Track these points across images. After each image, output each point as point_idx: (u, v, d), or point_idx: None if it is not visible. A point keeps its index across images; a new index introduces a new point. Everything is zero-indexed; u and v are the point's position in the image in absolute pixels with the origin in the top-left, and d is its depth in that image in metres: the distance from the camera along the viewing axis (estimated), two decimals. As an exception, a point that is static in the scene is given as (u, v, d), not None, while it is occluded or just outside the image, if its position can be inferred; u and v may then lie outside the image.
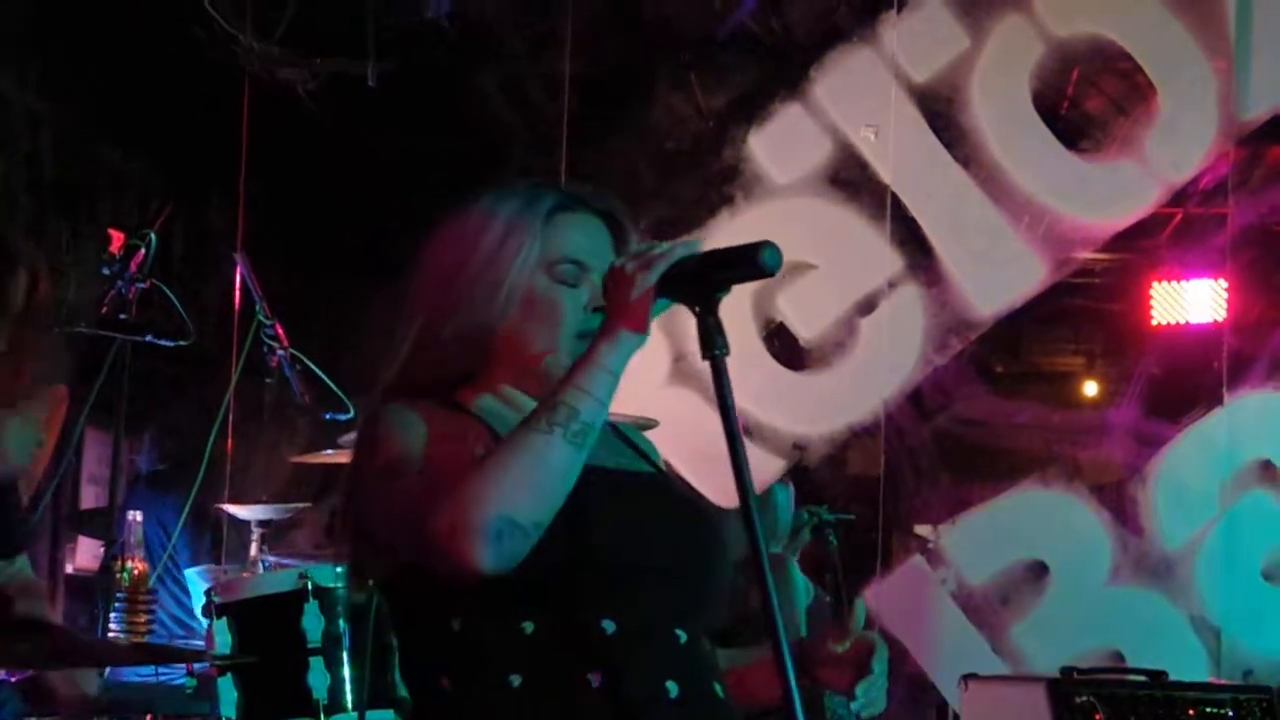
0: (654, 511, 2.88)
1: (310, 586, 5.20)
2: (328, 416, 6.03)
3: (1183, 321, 8.83)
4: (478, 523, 2.56)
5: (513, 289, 2.83)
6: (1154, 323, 8.79)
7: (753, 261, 2.66)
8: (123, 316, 5.67)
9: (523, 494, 2.60)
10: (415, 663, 2.86)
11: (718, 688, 2.84)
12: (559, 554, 2.67)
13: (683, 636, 2.80)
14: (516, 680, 2.71)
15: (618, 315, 2.68)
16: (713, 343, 2.66)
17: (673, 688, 2.74)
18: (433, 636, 2.80)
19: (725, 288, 2.70)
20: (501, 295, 2.82)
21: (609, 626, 2.72)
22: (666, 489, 3.00)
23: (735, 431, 2.64)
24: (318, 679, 5.15)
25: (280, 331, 6.04)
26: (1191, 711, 5.06)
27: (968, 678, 5.21)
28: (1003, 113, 6.57)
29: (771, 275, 2.67)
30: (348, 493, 2.85)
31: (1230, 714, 5.07)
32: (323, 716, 5.12)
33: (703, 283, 2.69)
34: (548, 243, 2.85)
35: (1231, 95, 6.15)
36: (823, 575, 6.19)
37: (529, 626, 2.71)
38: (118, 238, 5.82)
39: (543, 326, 2.84)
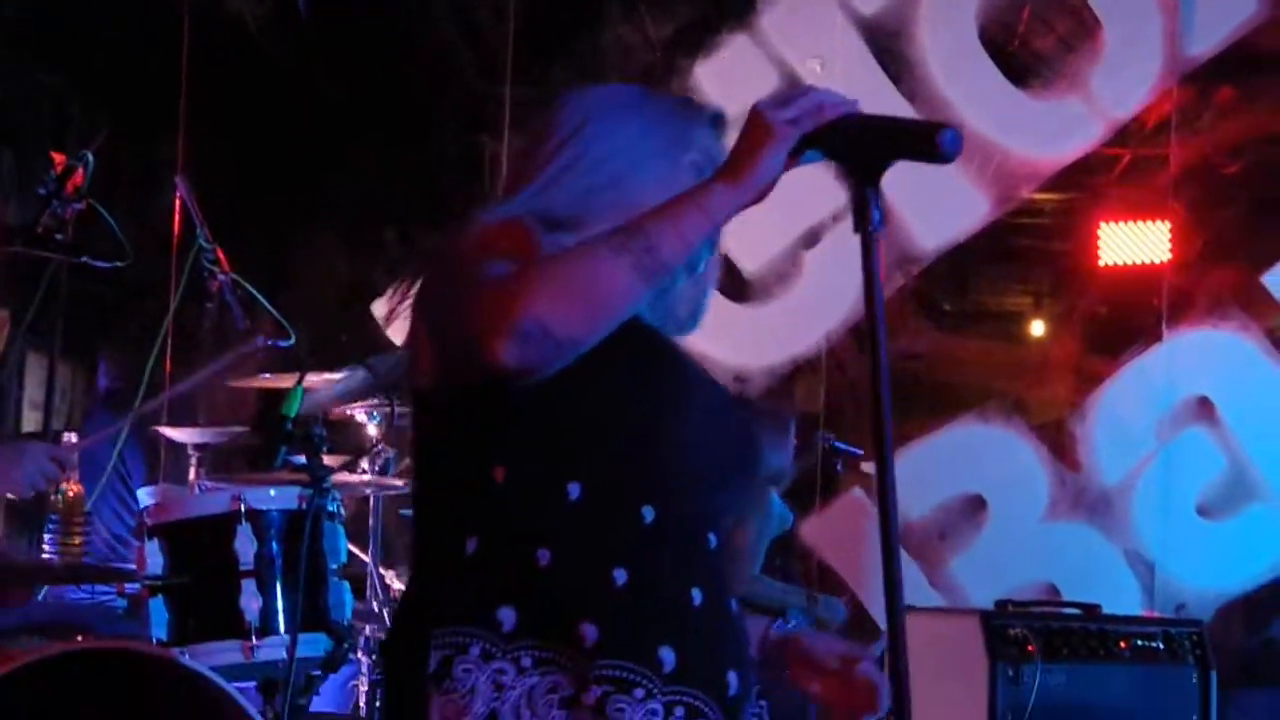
0: (716, 408, 2.79)
1: (244, 509, 5.18)
2: (269, 342, 5.99)
3: (1130, 262, 8.86)
4: (514, 322, 2.46)
5: (657, 168, 2.73)
6: (1101, 263, 8.80)
7: (931, 141, 2.50)
8: (59, 236, 5.62)
9: (565, 304, 2.50)
10: (441, 515, 2.74)
11: (733, 602, 2.75)
12: (626, 420, 2.63)
13: (713, 540, 2.71)
14: (545, 557, 2.61)
15: (745, 163, 2.55)
16: (869, 216, 2.48)
17: (697, 595, 2.66)
18: (469, 484, 2.68)
19: (890, 161, 2.53)
20: (645, 170, 2.73)
21: (648, 514, 2.63)
22: (723, 388, 2.93)
23: (878, 313, 2.48)
24: (249, 601, 5.14)
25: (221, 256, 5.99)
26: (1123, 644, 5.11)
27: (907, 607, 5.22)
28: (949, 47, 6.56)
29: (948, 161, 2.51)
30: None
31: (1161, 646, 5.12)
32: (254, 639, 5.12)
33: (869, 150, 2.53)
34: (697, 144, 2.78)
35: (1176, 31, 6.14)
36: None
37: (574, 490, 2.61)
38: (59, 160, 5.77)
39: (664, 193, 2.66)
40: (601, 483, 2.62)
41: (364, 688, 5.77)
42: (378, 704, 5.65)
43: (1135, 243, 8.44)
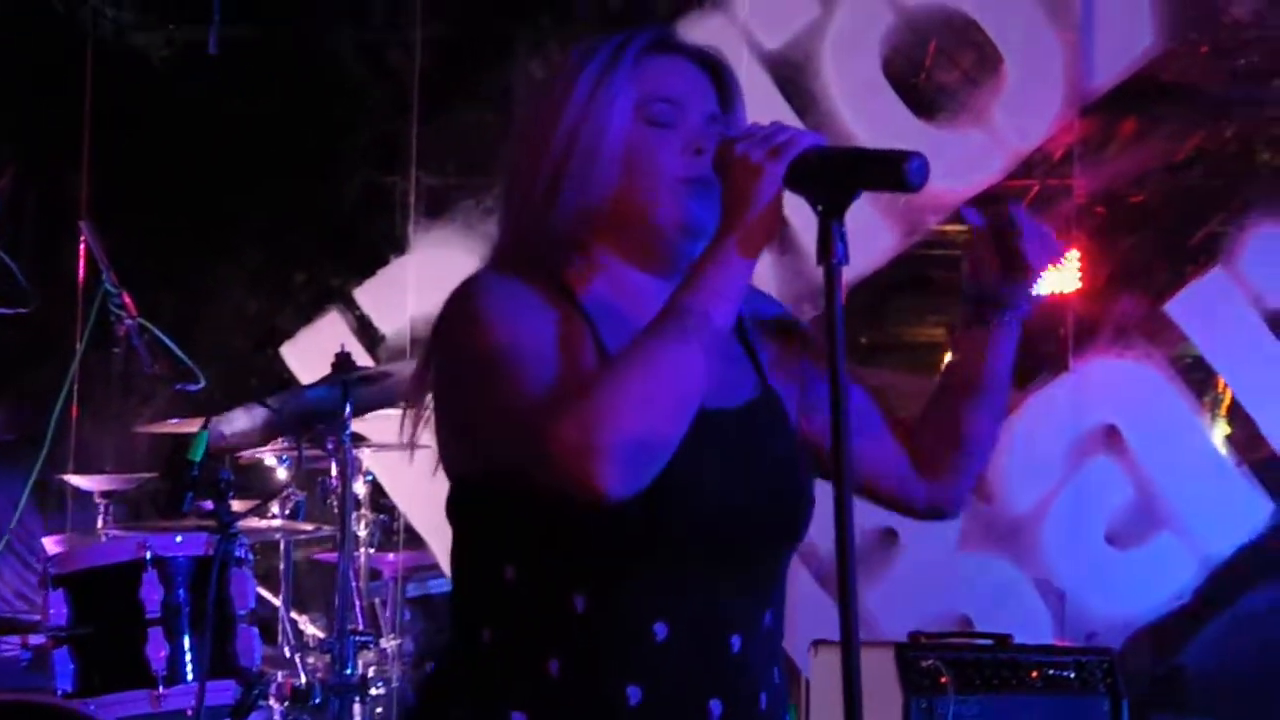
0: (743, 469, 2.61)
1: (149, 556, 5.17)
2: (177, 387, 5.98)
3: (1039, 292, 8.91)
4: (609, 443, 2.36)
5: (610, 150, 2.59)
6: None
7: (897, 170, 2.45)
8: (-45, 284, 5.60)
9: (657, 412, 2.41)
10: (462, 597, 2.69)
11: (764, 697, 2.66)
12: (632, 525, 2.51)
13: (736, 645, 2.61)
14: (555, 666, 2.57)
15: (743, 201, 2.48)
16: (833, 249, 2.44)
17: (716, 707, 2.59)
18: (484, 576, 2.65)
19: (856, 192, 2.48)
20: (600, 160, 2.59)
21: (660, 631, 2.56)
22: (766, 420, 2.71)
23: (838, 350, 2.43)
24: (156, 650, 5.13)
25: (128, 300, 5.97)
26: (1035, 674, 5.11)
27: (817, 643, 5.23)
28: (854, 81, 6.59)
29: (914, 190, 2.47)
30: (438, 375, 2.64)
31: (1072, 675, 5.12)
32: (161, 688, 5.10)
33: (835, 182, 2.48)
34: (639, 84, 2.61)
35: (1077, 65, 6.20)
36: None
37: (580, 603, 2.56)
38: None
39: (643, 179, 2.60)
40: (606, 600, 2.56)
41: (279, 732, 5.76)
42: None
43: (1052, 277, 8.51)
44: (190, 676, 5.13)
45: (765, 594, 2.68)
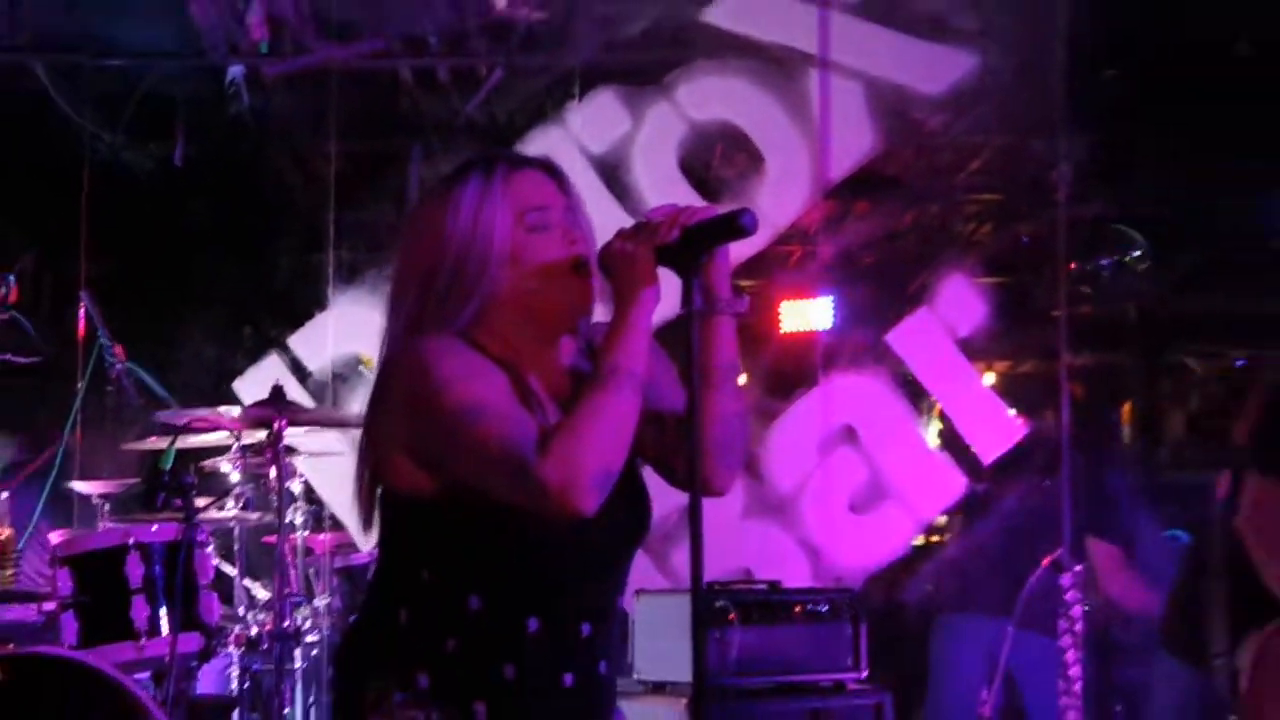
0: (618, 499, 2.53)
1: (132, 542, 5.13)
2: (156, 414, 5.92)
3: (802, 329, 8.98)
4: (589, 477, 2.37)
5: (500, 256, 2.53)
6: (781, 330, 8.90)
7: (735, 224, 2.44)
8: (-12, 341, 5.53)
9: (613, 448, 2.42)
10: (386, 583, 2.65)
11: (603, 664, 2.63)
12: (509, 549, 2.52)
13: (586, 629, 2.59)
14: (452, 645, 2.55)
15: (632, 286, 2.46)
16: (692, 299, 2.44)
17: (568, 679, 2.57)
18: (405, 572, 2.60)
19: (709, 253, 2.47)
20: (493, 264, 2.53)
21: (532, 624, 2.55)
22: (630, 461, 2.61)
23: (695, 392, 2.45)
24: (138, 612, 5.08)
25: (118, 351, 5.93)
26: (798, 609, 5.13)
27: (639, 592, 5.22)
28: (658, 176, 6.60)
29: (751, 234, 2.45)
30: (407, 423, 2.52)
31: (825, 609, 5.15)
32: (143, 640, 5.06)
33: (689, 246, 2.44)
34: (514, 201, 2.55)
35: (818, 161, 6.25)
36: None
37: (474, 601, 2.54)
38: (-10, 282, 5.68)
39: (532, 274, 2.54)
40: (498, 600, 2.54)
41: (235, 673, 5.70)
42: (246, 685, 5.60)
43: (806, 315, 8.57)
44: (165, 631, 5.08)
45: (618, 584, 2.68)
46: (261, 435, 5.54)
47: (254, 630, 5.60)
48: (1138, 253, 9.17)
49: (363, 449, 2.63)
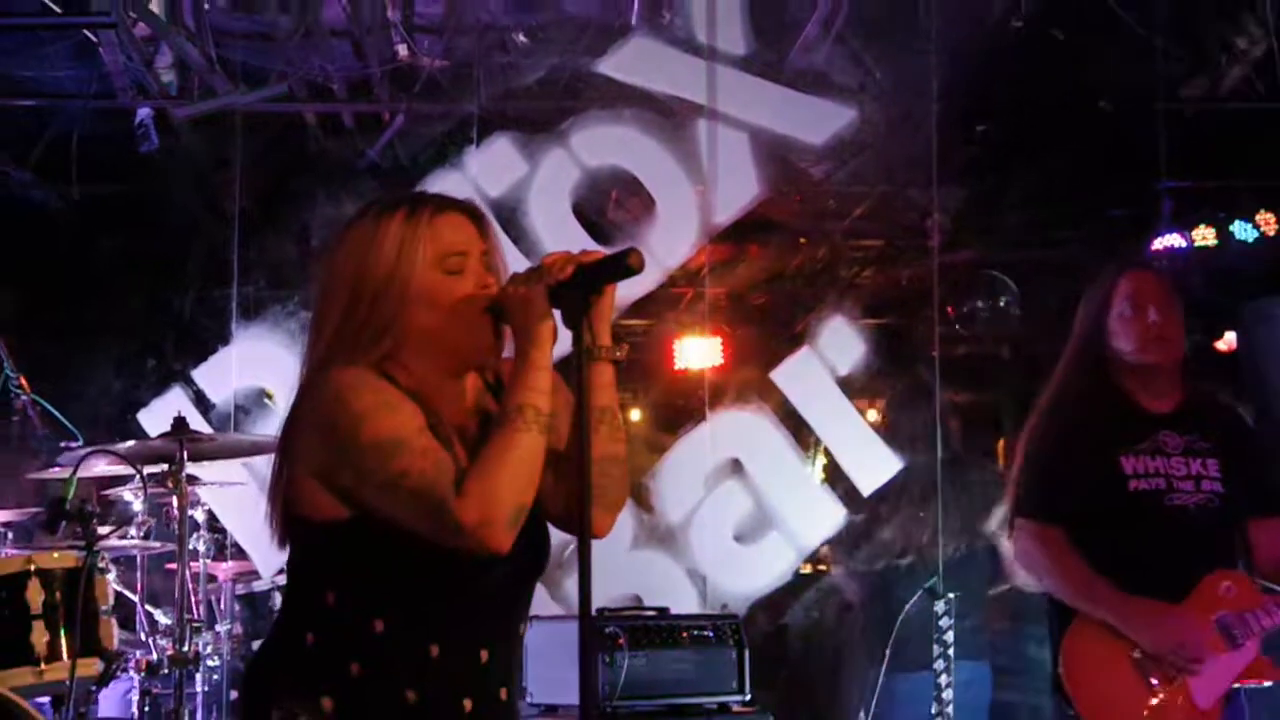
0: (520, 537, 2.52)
1: (33, 568, 5.02)
2: (62, 444, 5.84)
3: (694, 367, 9.02)
4: (504, 515, 2.40)
5: (416, 296, 2.53)
6: (676, 367, 8.93)
7: (622, 263, 2.46)
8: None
9: (524, 485, 2.44)
10: (294, 607, 2.63)
11: (503, 690, 2.62)
12: (467, 585, 2.52)
13: (485, 657, 2.58)
14: (355, 669, 2.53)
15: (528, 324, 2.48)
16: (582, 339, 2.47)
17: (468, 704, 2.56)
18: (312, 596, 2.58)
19: (599, 292, 2.49)
20: (409, 303, 2.54)
21: (433, 650, 2.54)
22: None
23: (585, 429, 2.43)
24: (39, 637, 4.97)
25: (23, 382, 5.85)
26: (685, 634, 5.13)
27: (531, 618, 5.20)
28: (552, 219, 6.62)
29: (638, 273, 2.46)
30: (310, 449, 2.52)
31: (711, 634, 5.15)
32: (41, 665, 4.97)
33: (579, 287, 2.47)
34: (435, 243, 2.55)
35: (707, 206, 6.30)
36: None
37: (379, 625, 2.52)
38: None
39: (447, 314, 2.54)
40: (400, 625, 2.52)
41: (136, 697, 5.61)
42: (146, 709, 5.53)
43: (697, 354, 8.62)
44: (65, 656, 5.00)
45: (519, 614, 2.68)
46: (165, 466, 5.48)
47: (155, 655, 5.52)
48: (1008, 297, 9.32)
49: (275, 471, 2.61)
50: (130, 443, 5.46)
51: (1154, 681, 3.90)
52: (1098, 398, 4.13)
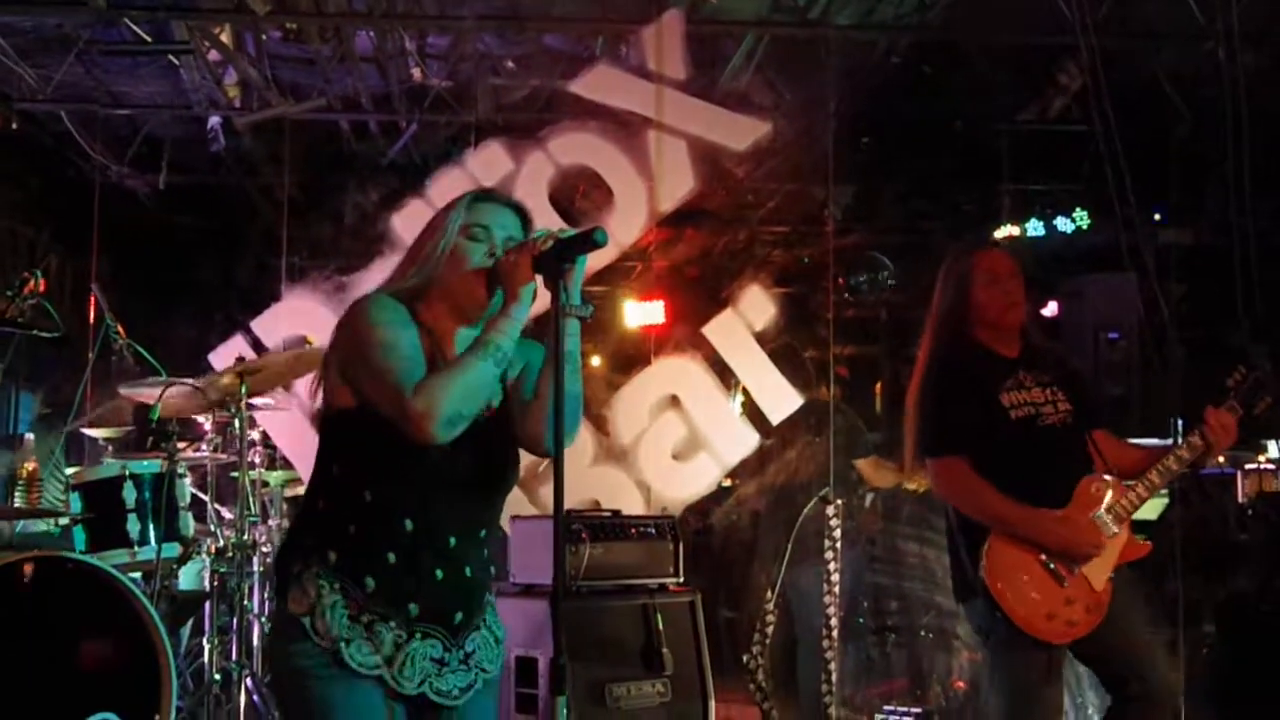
0: (482, 440, 2.59)
1: (127, 473, 5.05)
2: (149, 378, 5.81)
3: (642, 325, 9.01)
4: (442, 413, 2.43)
5: (445, 247, 2.61)
6: (626, 325, 8.94)
7: (589, 239, 2.48)
8: (19, 320, 5.37)
9: (467, 397, 2.47)
10: (314, 480, 2.63)
11: (468, 568, 2.61)
12: (434, 475, 2.53)
13: (453, 541, 2.59)
14: (352, 529, 2.54)
15: (513, 284, 2.52)
16: (559, 299, 2.48)
17: (439, 573, 2.57)
18: (324, 469, 2.61)
19: (571, 261, 2.50)
20: (439, 251, 2.62)
21: (408, 523, 2.54)
22: (501, 413, 2.68)
23: (559, 369, 2.46)
24: (132, 527, 5.01)
25: (120, 328, 5.81)
26: (635, 531, 5.06)
27: (514, 517, 5.19)
28: (532, 205, 6.35)
29: (602, 246, 2.48)
30: (342, 350, 2.58)
31: (654, 531, 5.09)
32: (135, 548, 4.99)
33: (555, 258, 2.49)
34: (467, 216, 2.63)
35: (653, 196, 6.24)
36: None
37: (368, 494, 2.54)
38: (26, 275, 5.53)
39: (458, 269, 2.60)
40: (383, 498, 2.55)
41: (207, 574, 5.61)
42: (215, 584, 5.53)
43: (644, 314, 8.64)
44: (152, 541, 5.02)
45: (483, 515, 2.67)
46: (228, 395, 5.45)
47: (221, 542, 5.52)
48: (886, 272, 9.37)
49: (319, 371, 2.67)
50: (203, 378, 5.43)
51: (1062, 575, 3.88)
52: (965, 351, 4.10)
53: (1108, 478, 4.01)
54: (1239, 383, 3.91)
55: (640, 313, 8.84)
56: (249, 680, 5.12)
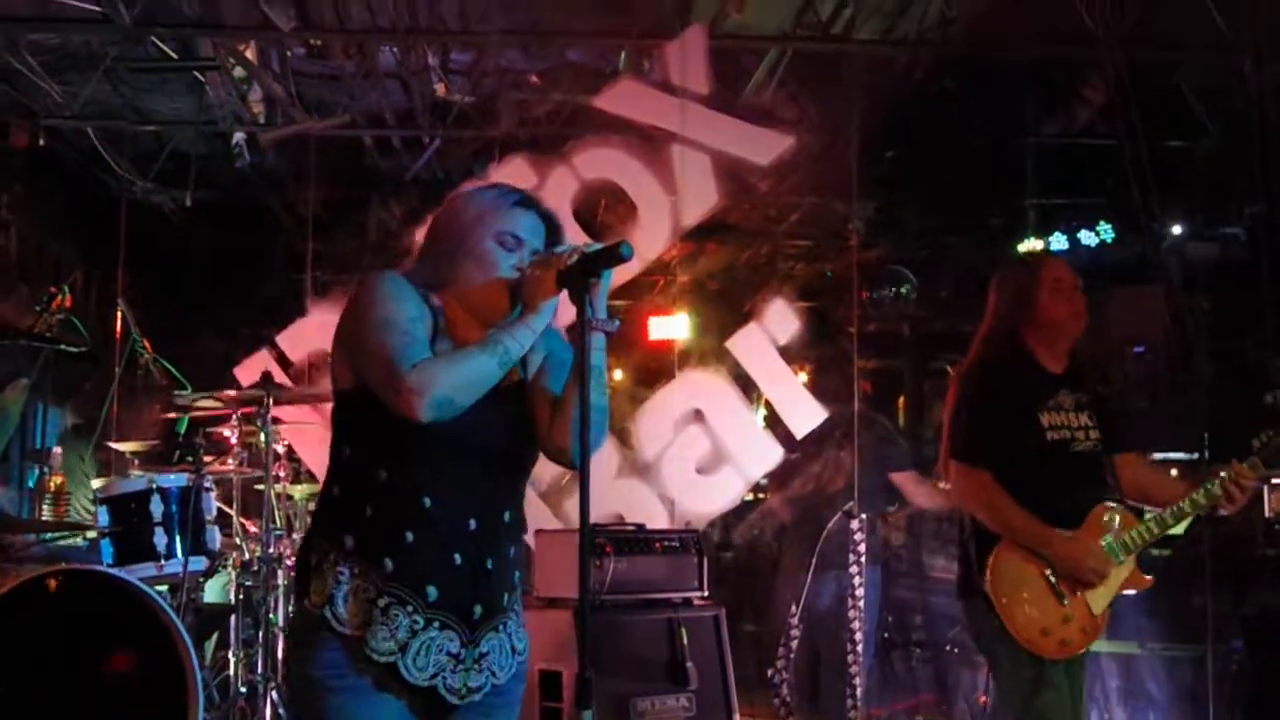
0: (501, 421, 2.57)
1: (155, 486, 5.07)
2: (175, 392, 5.85)
3: (665, 338, 9.00)
4: (432, 395, 2.40)
5: (474, 247, 2.58)
6: (650, 339, 8.92)
7: (615, 253, 2.45)
8: (48, 334, 5.43)
9: (462, 387, 2.44)
10: (330, 467, 2.61)
11: (490, 560, 2.57)
12: (411, 441, 2.48)
13: (473, 525, 2.55)
14: (368, 511, 2.52)
15: (534, 298, 2.50)
16: (584, 311, 2.45)
17: (458, 557, 2.52)
18: (338, 453, 2.59)
19: (596, 275, 2.47)
20: (467, 249, 2.58)
21: (428, 501, 2.51)
22: (518, 398, 2.65)
23: (584, 382, 2.43)
24: (159, 540, 5.04)
25: (147, 344, 5.87)
26: (658, 545, 5.06)
27: (539, 531, 5.20)
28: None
29: (628, 260, 2.45)
30: (346, 325, 2.54)
31: (678, 544, 5.08)
32: (162, 561, 5.01)
33: (581, 274, 2.46)
34: (502, 222, 2.59)
35: (676, 212, 6.26)
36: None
37: (383, 474, 2.51)
38: (54, 290, 5.59)
39: (484, 275, 2.57)
40: (398, 475, 2.52)
41: (232, 587, 5.64)
42: (240, 596, 5.54)
43: (668, 328, 8.62)
44: (179, 554, 5.05)
45: (502, 499, 2.62)
46: (254, 409, 5.49)
47: (247, 556, 5.55)
48: (909, 286, 9.35)
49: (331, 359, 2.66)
50: (229, 392, 5.47)
51: (1063, 593, 3.90)
52: (1015, 360, 4.08)
53: (1120, 505, 4.04)
54: (1264, 445, 3.95)
55: (664, 327, 8.83)
56: (274, 693, 5.13)
